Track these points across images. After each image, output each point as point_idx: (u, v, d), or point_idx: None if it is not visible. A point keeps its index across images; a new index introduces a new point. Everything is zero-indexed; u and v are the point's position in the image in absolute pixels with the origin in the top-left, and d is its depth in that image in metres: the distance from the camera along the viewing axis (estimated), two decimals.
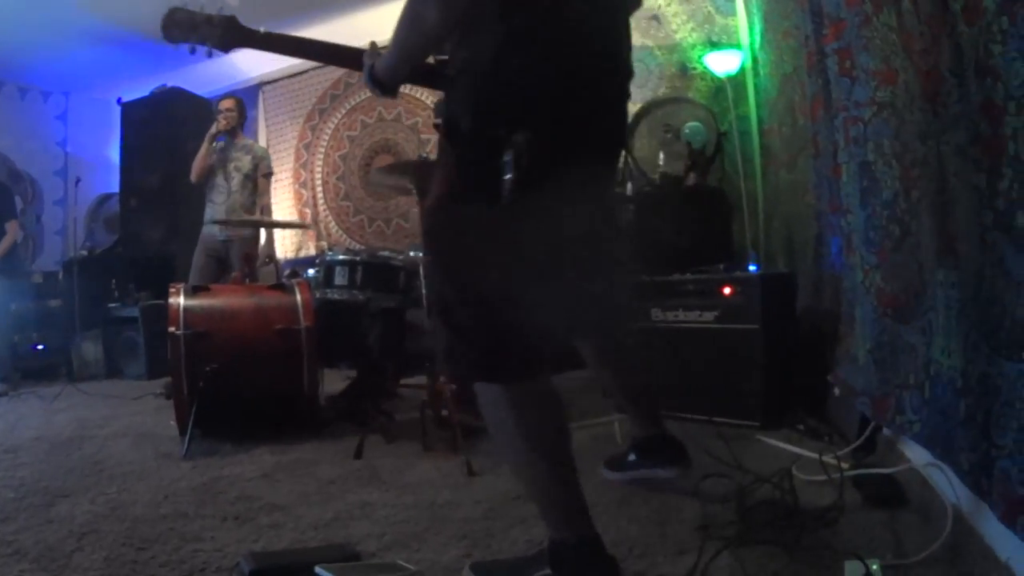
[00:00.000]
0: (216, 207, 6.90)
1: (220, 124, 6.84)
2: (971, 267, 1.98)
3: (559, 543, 2.10)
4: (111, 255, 9.77)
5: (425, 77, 2.51)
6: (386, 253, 5.10)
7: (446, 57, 2.39)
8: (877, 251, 2.92)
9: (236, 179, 6.85)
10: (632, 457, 3.01)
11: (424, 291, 4.19)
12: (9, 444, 4.61)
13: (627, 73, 2.50)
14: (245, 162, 6.90)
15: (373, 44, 2.50)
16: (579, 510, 2.11)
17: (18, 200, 9.14)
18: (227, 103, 6.97)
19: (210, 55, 2.70)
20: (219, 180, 6.90)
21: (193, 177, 6.97)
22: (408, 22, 2.12)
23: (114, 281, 8.79)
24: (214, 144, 6.90)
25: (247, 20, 2.77)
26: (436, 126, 4.85)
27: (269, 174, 7.02)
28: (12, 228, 7.91)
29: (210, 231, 6.90)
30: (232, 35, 2.66)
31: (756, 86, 6.70)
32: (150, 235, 9.20)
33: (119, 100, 9.78)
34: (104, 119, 10.90)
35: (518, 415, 2.10)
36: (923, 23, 2.17)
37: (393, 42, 2.22)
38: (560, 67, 2.15)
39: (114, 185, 10.23)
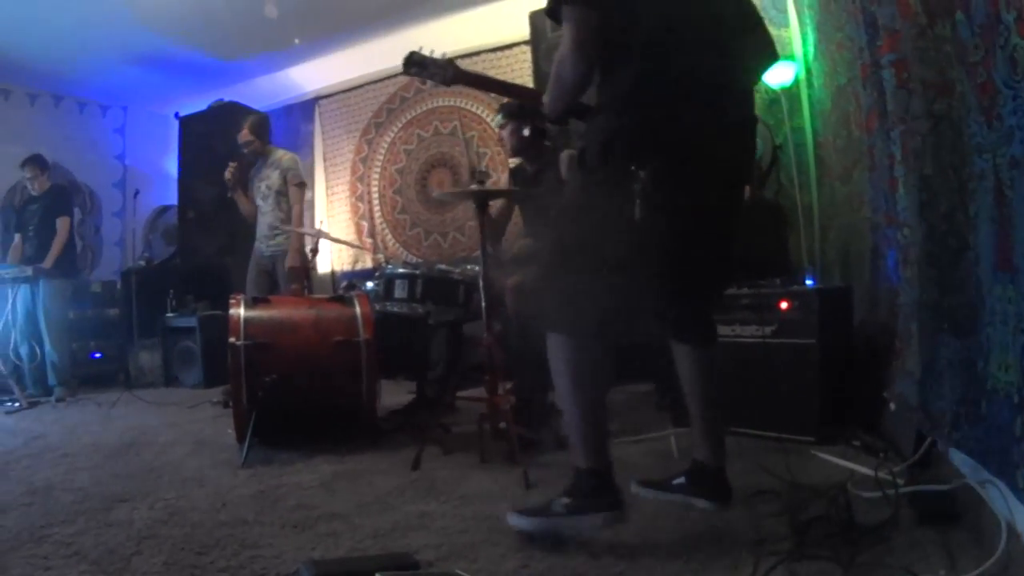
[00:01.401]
0: (260, 226, 6.96)
1: (227, 174, 6.90)
2: None
3: (580, 472, 2.72)
4: (169, 266, 9.94)
5: (581, 114, 2.94)
6: (444, 267, 5.14)
7: None
8: (935, 265, 2.90)
9: (270, 198, 6.87)
10: (681, 480, 3.01)
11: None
12: (68, 449, 4.73)
13: (750, 113, 2.88)
14: (274, 178, 6.87)
15: None
16: (599, 443, 2.74)
17: (77, 211, 9.27)
18: (243, 134, 6.91)
19: (424, 83, 3.43)
20: (258, 201, 6.95)
21: (250, 219, 7.07)
22: (554, 79, 2.71)
23: (171, 291, 8.92)
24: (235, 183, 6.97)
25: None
26: (501, 127, 5.04)
27: (299, 184, 6.90)
28: (64, 224, 8.00)
29: (258, 248, 6.96)
30: (455, 74, 3.47)
31: (810, 98, 6.66)
32: (207, 247, 9.34)
33: (177, 114, 9.96)
34: (162, 132, 11.10)
35: (569, 357, 2.70)
36: (976, 34, 2.16)
37: (548, 90, 2.81)
38: (685, 107, 2.56)
39: (172, 197, 10.42)
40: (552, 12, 2.61)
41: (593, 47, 2.53)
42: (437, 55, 3.40)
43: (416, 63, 3.44)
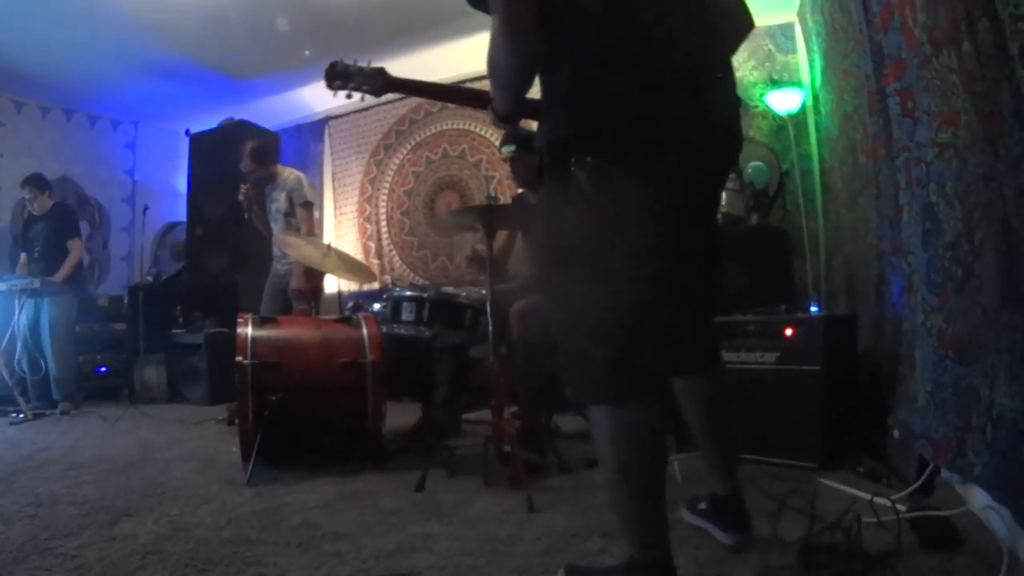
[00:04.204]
0: (274, 247, 7.03)
1: (241, 196, 6.92)
2: None
3: (634, 563, 2.23)
4: (176, 282, 9.99)
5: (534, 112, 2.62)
6: (451, 290, 5.16)
7: None
8: (939, 293, 2.91)
9: (280, 220, 6.93)
10: (704, 506, 3.00)
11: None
12: (72, 462, 4.74)
13: (732, 95, 2.52)
14: (281, 200, 6.92)
15: None
16: (658, 536, 2.22)
17: (85, 225, 9.33)
18: (244, 164, 6.94)
19: (363, 99, 3.16)
20: (271, 223, 7.01)
21: (267, 234, 7.13)
22: (490, 74, 2.34)
23: (179, 307, 8.98)
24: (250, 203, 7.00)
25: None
26: (514, 159, 4.95)
27: (305, 203, 6.86)
28: (75, 246, 8.09)
29: (273, 267, 7.03)
30: (383, 82, 3.11)
31: (817, 124, 6.70)
32: (215, 264, 9.41)
33: (187, 131, 10.07)
34: (172, 149, 11.16)
35: (613, 436, 2.21)
36: (983, 65, 2.18)
37: (491, 88, 2.47)
38: (648, 96, 2.21)
39: (181, 214, 10.50)
40: (473, 3, 2.29)
41: (528, 29, 2.14)
42: (443, 77, 3.20)
43: (339, 75, 3.13)
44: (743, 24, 2.53)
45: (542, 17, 2.14)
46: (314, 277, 6.67)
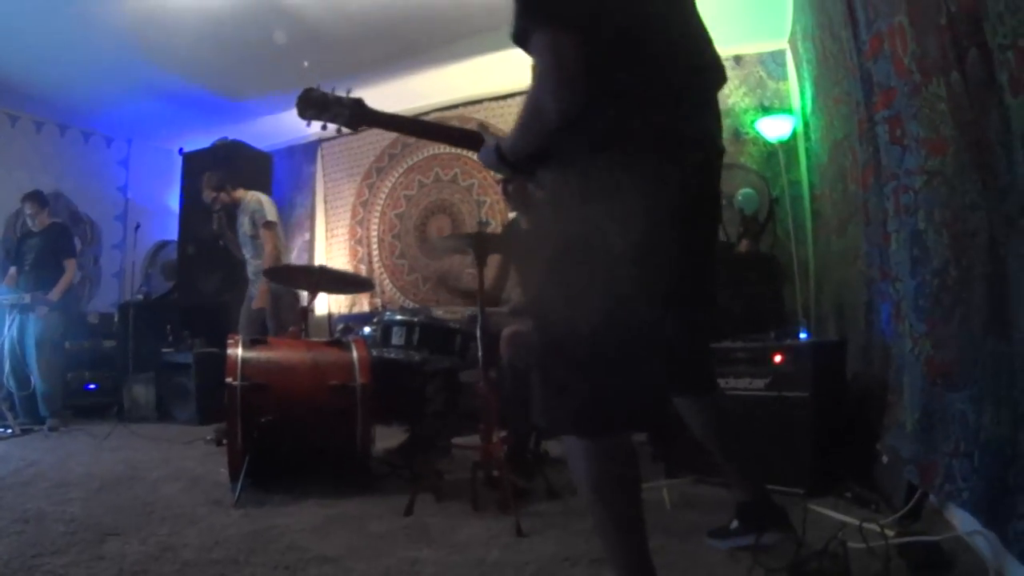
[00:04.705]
0: (248, 271, 7.13)
1: (214, 224, 7.05)
2: (1020, 336, 2.00)
3: None
4: (166, 301, 9.97)
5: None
6: (441, 314, 5.17)
7: None
8: (927, 319, 2.93)
9: (248, 244, 7.01)
10: (735, 524, 3.00)
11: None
12: (60, 479, 4.73)
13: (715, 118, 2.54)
14: (246, 224, 6.99)
15: (482, 125, 2.62)
16: (640, 566, 2.17)
17: (77, 241, 9.31)
18: (206, 195, 7.04)
19: (339, 132, 2.96)
20: (243, 248, 7.09)
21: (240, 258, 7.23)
22: (532, 115, 2.26)
23: (169, 327, 8.97)
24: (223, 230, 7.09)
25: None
26: (506, 181, 4.96)
27: (267, 223, 6.88)
28: (71, 266, 8.10)
29: (248, 291, 7.11)
30: (359, 115, 2.87)
31: (807, 151, 6.74)
32: (205, 284, 9.40)
33: (180, 150, 10.08)
34: (165, 167, 11.13)
35: (588, 465, 2.18)
36: (972, 94, 2.20)
37: (519, 129, 2.37)
38: (664, 142, 2.24)
39: (172, 233, 10.50)
40: (520, 37, 2.18)
41: (580, 76, 2.09)
42: (437, 101, 2.94)
43: (314, 103, 2.88)
44: (722, 76, 2.57)
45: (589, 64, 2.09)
46: (289, 307, 6.72)
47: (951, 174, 2.54)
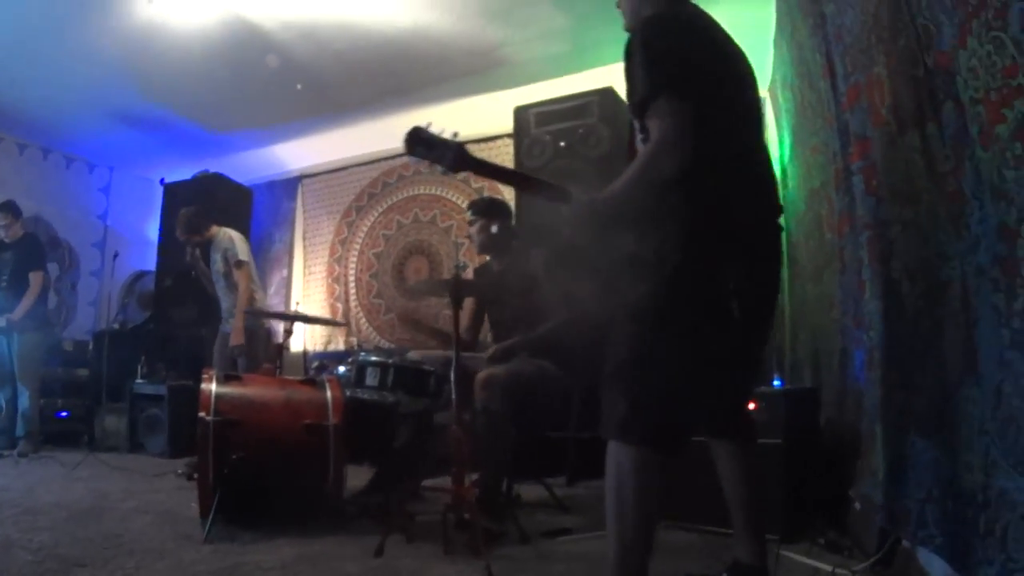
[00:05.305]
0: (222, 308, 7.13)
1: (188, 258, 7.04)
2: (990, 385, 2.04)
3: None
4: (142, 331, 9.90)
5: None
6: (416, 356, 5.17)
7: None
8: (899, 367, 2.98)
9: (220, 281, 7.03)
10: None
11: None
12: (28, 506, 4.70)
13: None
14: (219, 261, 7.00)
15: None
16: (644, 556, 2.51)
17: (55, 267, 9.30)
18: (180, 235, 7.03)
19: (443, 172, 3.01)
20: (216, 284, 7.11)
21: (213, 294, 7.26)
22: (647, 171, 2.53)
23: (143, 357, 8.89)
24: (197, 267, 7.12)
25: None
26: (470, 224, 5.02)
27: (238, 262, 6.90)
28: (36, 279, 8.02)
29: (222, 327, 7.11)
30: (461, 160, 2.93)
31: (784, 199, 6.77)
32: (181, 316, 9.36)
33: (162, 180, 10.08)
34: (145, 197, 11.21)
35: (640, 477, 2.50)
36: (947, 145, 2.26)
37: (631, 183, 2.56)
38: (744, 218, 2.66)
39: (150, 263, 10.49)
40: (642, 104, 2.52)
41: (691, 142, 2.43)
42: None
43: (423, 142, 2.93)
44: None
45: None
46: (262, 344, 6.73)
47: (925, 224, 2.59)
